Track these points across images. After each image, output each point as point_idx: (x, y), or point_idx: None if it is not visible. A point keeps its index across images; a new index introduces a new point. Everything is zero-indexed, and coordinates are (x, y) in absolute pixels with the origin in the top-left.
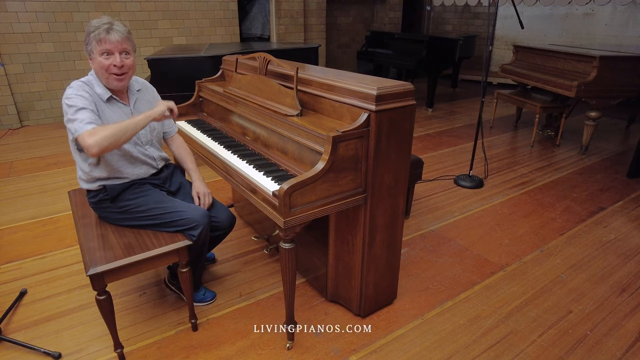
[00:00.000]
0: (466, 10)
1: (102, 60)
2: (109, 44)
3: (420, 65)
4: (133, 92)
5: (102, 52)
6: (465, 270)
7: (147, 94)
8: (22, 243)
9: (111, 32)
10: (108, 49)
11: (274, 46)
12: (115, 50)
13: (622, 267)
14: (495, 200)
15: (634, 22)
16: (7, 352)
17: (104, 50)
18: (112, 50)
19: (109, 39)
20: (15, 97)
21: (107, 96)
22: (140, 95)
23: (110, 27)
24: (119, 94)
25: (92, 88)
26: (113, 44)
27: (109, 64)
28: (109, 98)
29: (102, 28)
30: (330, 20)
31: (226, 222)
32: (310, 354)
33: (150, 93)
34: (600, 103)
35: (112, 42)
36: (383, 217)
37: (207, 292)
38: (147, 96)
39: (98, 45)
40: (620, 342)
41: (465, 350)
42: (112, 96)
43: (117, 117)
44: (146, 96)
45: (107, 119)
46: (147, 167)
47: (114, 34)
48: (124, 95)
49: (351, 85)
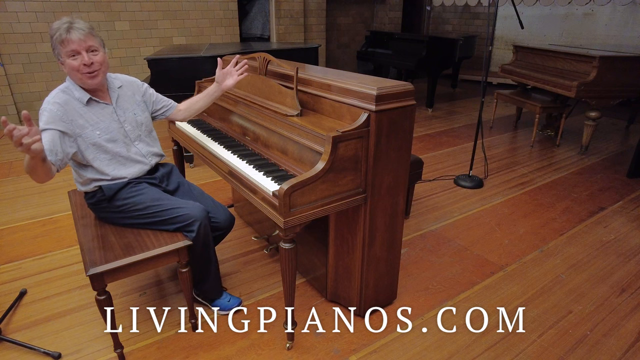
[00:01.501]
0: (466, 10)
1: (71, 62)
2: (72, 43)
3: (420, 65)
4: (114, 90)
5: (69, 54)
6: (465, 270)
7: (128, 90)
8: (21, 243)
9: (71, 31)
10: (73, 49)
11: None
12: (81, 49)
13: (622, 267)
14: (495, 200)
15: (634, 22)
16: (7, 352)
17: (69, 52)
18: (77, 50)
19: (70, 38)
20: (15, 97)
21: (87, 99)
22: (122, 91)
23: (70, 27)
24: (99, 94)
25: (71, 94)
26: (76, 42)
27: (79, 65)
28: (88, 100)
29: (62, 28)
30: (330, 20)
31: (225, 222)
32: (310, 354)
33: (132, 88)
34: (600, 103)
35: (75, 41)
36: (383, 217)
37: (232, 298)
38: (129, 92)
39: (62, 47)
40: (620, 342)
41: (465, 350)
42: (91, 98)
43: (100, 118)
44: (128, 92)
45: (92, 121)
46: (139, 165)
47: (75, 33)
48: (104, 95)
49: (351, 85)
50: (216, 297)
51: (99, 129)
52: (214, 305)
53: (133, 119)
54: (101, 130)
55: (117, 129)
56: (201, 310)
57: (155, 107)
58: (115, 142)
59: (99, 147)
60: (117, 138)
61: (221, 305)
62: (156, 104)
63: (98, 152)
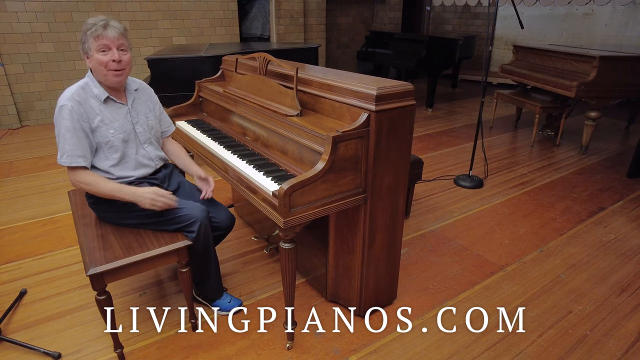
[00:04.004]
0: (466, 10)
1: (100, 57)
2: (106, 39)
3: (420, 66)
4: (130, 92)
5: (100, 49)
6: (465, 270)
7: (144, 94)
8: (21, 243)
9: (108, 28)
10: (105, 44)
11: (274, 46)
12: (113, 46)
13: (622, 267)
14: (495, 200)
15: (634, 22)
16: (7, 352)
17: (101, 46)
18: (109, 46)
19: (106, 34)
20: (15, 97)
21: (105, 97)
22: (138, 94)
23: (107, 24)
24: (117, 94)
25: (89, 91)
26: (110, 39)
27: (108, 60)
28: (106, 99)
29: (99, 24)
30: (330, 20)
31: (226, 222)
32: (310, 354)
33: (147, 93)
34: (600, 103)
35: (109, 38)
36: (383, 217)
37: (233, 299)
38: (144, 96)
39: (95, 42)
40: (620, 342)
41: (465, 350)
42: (109, 96)
43: (115, 117)
44: (143, 96)
45: (107, 120)
46: (146, 168)
47: (111, 30)
48: (121, 95)
49: (351, 85)
50: (216, 297)
51: (113, 128)
52: (214, 306)
53: (145, 122)
54: (115, 129)
55: (130, 130)
56: (201, 310)
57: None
58: (127, 142)
59: (111, 146)
60: (129, 138)
61: (221, 306)
62: (160, 122)
63: (110, 151)
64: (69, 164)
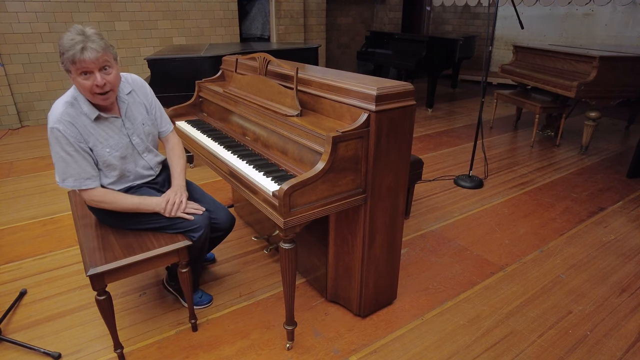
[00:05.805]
0: (466, 10)
1: (82, 82)
2: (85, 63)
3: (420, 66)
4: (123, 100)
5: (80, 72)
6: (465, 270)
7: (138, 95)
8: (22, 243)
9: (86, 51)
10: (86, 67)
11: (274, 46)
12: (94, 68)
13: (622, 268)
14: (495, 201)
15: (634, 23)
16: (7, 352)
17: (81, 70)
18: (90, 69)
19: (84, 58)
20: (15, 97)
21: (95, 116)
22: (131, 98)
23: (84, 47)
24: (107, 108)
25: (78, 107)
26: (90, 62)
27: (91, 85)
28: (97, 117)
29: (77, 49)
30: (330, 20)
31: (226, 222)
32: (310, 354)
33: (141, 92)
34: (600, 103)
35: (89, 62)
36: (383, 217)
37: (204, 295)
38: (138, 98)
39: (74, 66)
40: (620, 343)
41: (465, 350)
42: (100, 114)
43: (109, 134)
44: (137, 98)
45: (102, 138)
46: (146, 179)
47: (90, 53)
48: (113, 107)
49: (351, 85)
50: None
51: (109, 146)
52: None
53: (141, 129)
54: (111, 148)
55: (127, 144)
56: (201, 310)
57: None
58: (125, 158)
59: (109, 165)
60: (126, 154)
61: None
62: (158, 121)
63: (107, 169)
64: (77, 188)
